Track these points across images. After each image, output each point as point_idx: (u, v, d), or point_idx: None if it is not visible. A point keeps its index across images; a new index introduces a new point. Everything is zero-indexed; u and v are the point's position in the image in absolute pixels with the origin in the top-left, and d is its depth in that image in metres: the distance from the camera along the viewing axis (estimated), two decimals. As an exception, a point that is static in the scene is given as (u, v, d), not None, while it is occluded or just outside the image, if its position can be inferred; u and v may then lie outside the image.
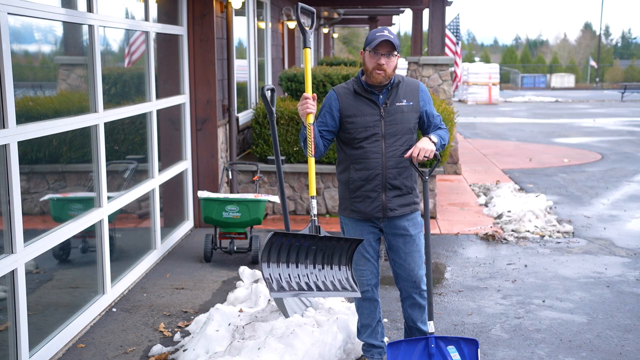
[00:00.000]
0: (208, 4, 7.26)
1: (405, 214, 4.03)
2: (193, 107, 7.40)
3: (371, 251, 4.13)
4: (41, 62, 4.95)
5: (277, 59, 12.55)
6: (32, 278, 4.67)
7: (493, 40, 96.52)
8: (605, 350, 4.67)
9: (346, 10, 20.63)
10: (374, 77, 3.92)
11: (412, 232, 4.06)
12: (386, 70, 3.89)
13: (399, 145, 3.96)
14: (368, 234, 4.10)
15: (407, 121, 3.98)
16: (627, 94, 34.90)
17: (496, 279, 6.19)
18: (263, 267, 3.43)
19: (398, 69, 4.09)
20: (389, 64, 3.89)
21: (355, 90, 3.99)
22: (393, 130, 3.95)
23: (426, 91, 4.10)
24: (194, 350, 4.25)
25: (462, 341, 3.87)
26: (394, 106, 3.96)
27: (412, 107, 4.00)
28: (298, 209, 8.46)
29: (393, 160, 3.95)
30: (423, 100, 4.05)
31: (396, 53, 3.91)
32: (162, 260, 6.59)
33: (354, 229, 4.13)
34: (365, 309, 4.22)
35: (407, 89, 4.02)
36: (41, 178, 4.95)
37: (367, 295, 4.18)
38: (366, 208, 4.03)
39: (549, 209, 8.69)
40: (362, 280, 4.15)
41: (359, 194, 4.02)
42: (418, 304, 4.15)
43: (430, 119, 4.07)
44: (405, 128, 3.97)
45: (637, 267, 6.56)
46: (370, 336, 4.26)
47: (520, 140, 16.81)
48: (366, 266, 4.13)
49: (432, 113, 4.08)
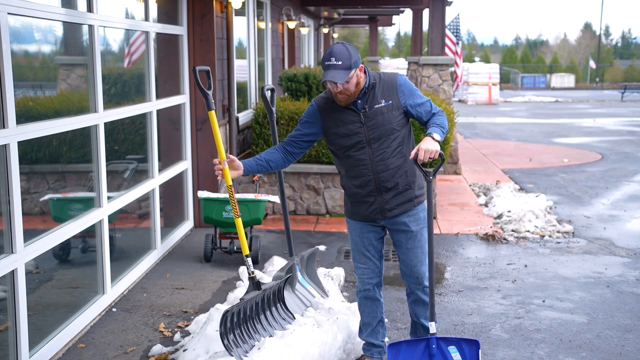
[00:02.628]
0: (208, 4, 7.26)
1: (405, 210, 4.01)
2: (193, 107, 7.40)
3: (372, 250, 4.12)
4: (41, 62, 4.95)
5: (277, 59, 12.55)
6: (32, 278, 4.67)
7: (493, 40, 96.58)
8: (605, 350, 4.67)
9: (346, 10, 20.64)
10: (339, 99, 3.86)
11: (414, 228, 4.03)
12: (346, 92, 3.81)
13: (385, 147, 3.89)
14: (369, 232, 4.10)
15: (389, 122, 3.88)
16: (627, 94, 34.91)
17: (496, 279, 6.19)
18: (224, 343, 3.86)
19: (398, 68, 4.08)
20: (347, 87, 3.79)
21: (334, 99, 3.92)
22: (376, 134, 3.87)
23: (406, 83, 3.95)
24: (194, 350, 4.25)
25: (463, 342, 3.86)
26: (373, 109, 3.87)
27: (392, 105, 3.89)
28: (298, 209, 8.47)
29: (382, 163, 3.90)
30: (403, 94, 3.92)
31: (350, 75, 3.75)
32: (162, 260, 6.59)
33: (355, 229, 4.14)
34: (366, 308, 4.23)
35: (384, 87, 3.91)
36: (41, 178, 4.95)
37: (368, 294, 4.18)
38: (364, 211, 4.02)
39: (549, 209, 8.69)
40: (363, 279, 4.16)
41: (356, 199, 4.02)
42: (421, 300, 4.15)
43: (418, 109, 3.94)
44: (388, 129, 3.88)
45: (637, 267, 6.56)
46: (371, 335, 4.26)
47: (520, 140, 16.81)
48: (367, 265, 4.14)
49: (417, 103, 3.94)
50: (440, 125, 3.88)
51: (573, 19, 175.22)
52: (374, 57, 27.78)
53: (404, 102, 3.92)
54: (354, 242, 4.16)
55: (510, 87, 44.82)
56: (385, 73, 4.04)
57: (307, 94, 9.04)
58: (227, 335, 3.85)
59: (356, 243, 4.15)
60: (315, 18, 19.68)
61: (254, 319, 4.17)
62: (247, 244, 4.32)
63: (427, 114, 3.96)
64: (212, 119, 4.27)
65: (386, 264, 6.56)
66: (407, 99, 3.93)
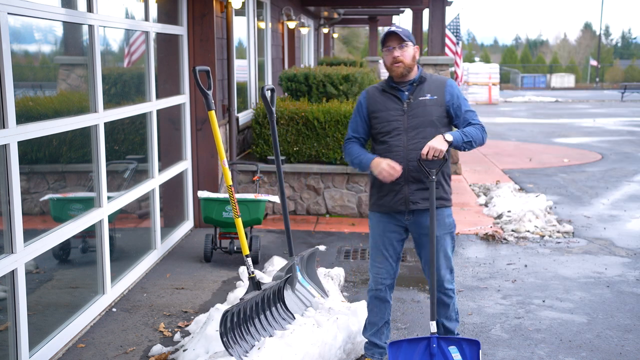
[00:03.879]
0: (208, 4, 7.26)
1: (428, 209, 4.03)
2: (193, 107, 7.40)
3: (391, 250, 4.16)
4: (41, 62, 4.95)
5: (277, 59, 12.55)
6: (32, 278, 4.67)
7: (493, 40, 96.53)
8: (605, 350, 4.67)
9: (346, 10, 20.64)
10: (394, 70, 3.99)
11: (437, 233, 4.06)
12: (403, 61, 3.95)
13: (421, 138, 3.96)
14: (391, 232, 4.13)
15: (429, 114, 3.99)
16: (627, 94, 34.89)
17: (496, 279, 6.19)
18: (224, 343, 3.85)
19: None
20: (403, 54, 3.95)
21: (383, 88, 4.09)
22: (414, 123, 3.98)
23: (454, 86, 4.10)
24: (194, 350, 4.25)
25: (463, 342, 3.87)
26: (417, 100, 4.00)
27: (436, 100, 4.01)
28: (298, 209, 8.47)
29: (415, 152, 3.96)
30: (450, 94, 4.04)
31: (408, 43, 3.97)
32: (162, 260, 6.59)
33: (377, 225, 4.16)
34: (374, 307, 4.26)
35: (433, 84, 4.06)
36: (41, 178, 4.95)
37: (379, 294, 4.21)
38: (390, 201, 4.06)
39: (549, 209, 8.69)
40: (377, 278, 4.19)
41: (384, 187, 4.08)
42: (441, 301, 4.19)
43: (458, 112, 4.05)
44: (427, 121, 3.98)
45: (637, 267, 6.56)
46: (375, 335, 4.28)
47: (520, 140, 16.81)
48: (383, 265, 4.17)
49: (459, 106, 4.06)
50: (465, 132, 3.97)
51: (573, 19, 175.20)
52: (374, 57, 27.77)
53: (448, 101, 4.04)
54: (374, 240, 4.19)
55: (510, 87, 44.81)
56: (437, 75, 4.22)
57: (307, 94, 9.04)
58: (227, 335, 3.85)
59: (376, 241, 4.18)
60: (315, 18, 19.68)
61: (254, 319, 4.18)
62: (247, 244, 4.32)
63: (465, 121, 4.06)
64: (212, 119, 4.27)
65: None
66: (453, 98, 4.05)
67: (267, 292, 4.35)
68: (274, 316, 4.37)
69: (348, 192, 8.35)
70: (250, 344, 3.99)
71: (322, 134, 8.22)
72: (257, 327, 4.17)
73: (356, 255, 6.87)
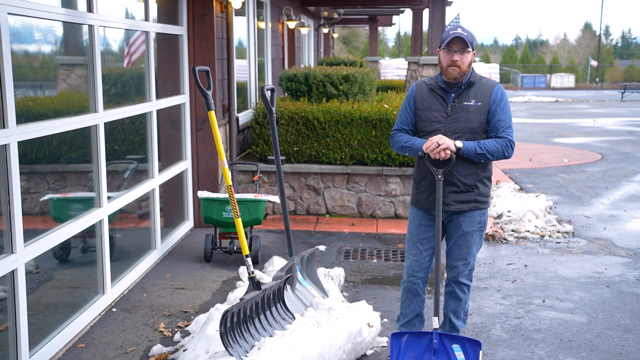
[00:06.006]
0: (208, 4, 7.26)
1: (463, 211, 4.10)
2: (193, 107, 7.40)
3: (426, 244, 4.23)
4: (41, 62, 4.95)
5: (277, 59, 12.55)
6: (32, 278, 4.67)
7: (493, 40, 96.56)
8: (605, 350, 4.67)
9: (346, 10, 20.64)
10: (449, 73, 4.01)
11: (466, 229, 4.14)
12: (460, 66, 3.97)
13: None
14: (427, 226, 4.20)
15: (471, 121, 4.00)
16: (627, 94, 34.90)
17: (496, 279, 6.19)
18: (224, 343, 3.84)
19: (399, 68, 4.14)
20: (462, 60, 3.97)
21: (431, 87, 4.12)
22: (454, 127, 4.01)
23: (499, 92, 4.06)
24: (194, 350, 4.25)
25: (466, 341, 3.88)
26: (461, 105, 4.03)
27: (480, 107, 4.01)
28: (298, 209, 8.47)
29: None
30: (494, 101, 4.03)
31: (470, 49, 3.98)
32: (162, 260, 6.59)
33: (414, 219, 4.25)
34: (406, 299, 4.35)
35: (480, 89, 4.05)
36: (41, 178, 4.95)
37: (411, 286, 4.30)
38: (424, 200, 4.15)
39: (549, 209, 8.69)
40: (409, 271, 4.28)
41: (420, 185, 4.16)
42: (454, 294, 4.28)
43: (491, 119, 4.03)
44: (467, 127, 4.00)
45: (637, 267, 6.56)
46: (405, 326, 4.41)
47: (520, 140, 16.80)
48: (417, 257, 4.25)
49: (494, 114, 4.02)
50: (481, 144, 3.97)
51: (573, 19, 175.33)
52: (374, 57, 27.78)
53: (491, 106, 4.02)
54: (410, 232, 4.28)
55: (510, 87, 44.80)
56: (488, 78, 4.17)
57: (307, 94, 9.04)
58: (227, 335, 3.85)
59: (412, 234, 4.26)
60: (315, 18, 19.68)
61: (254, 319, 4.18)
62: (247, 244, 4.32)
63: (493, 130, 4.04)
64: (212, 119, 4.27)
65: (386, 263, 6.57)
66: (494, 105, 4.03)
67: (267, 292, 4.35)
68: (274, 316, 4.37)
69: (348, 192, 8.35)
70: (250, 344, 3.99)
71: (322, 134, 8.22)
72: (257, 327, 4.18)
73: (356, 255, 6.87)
